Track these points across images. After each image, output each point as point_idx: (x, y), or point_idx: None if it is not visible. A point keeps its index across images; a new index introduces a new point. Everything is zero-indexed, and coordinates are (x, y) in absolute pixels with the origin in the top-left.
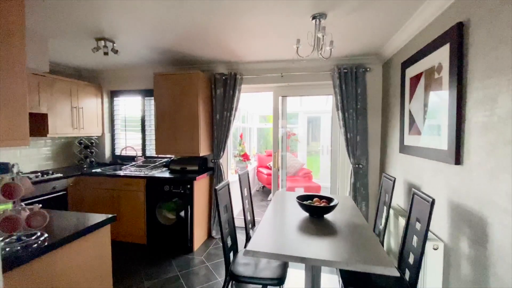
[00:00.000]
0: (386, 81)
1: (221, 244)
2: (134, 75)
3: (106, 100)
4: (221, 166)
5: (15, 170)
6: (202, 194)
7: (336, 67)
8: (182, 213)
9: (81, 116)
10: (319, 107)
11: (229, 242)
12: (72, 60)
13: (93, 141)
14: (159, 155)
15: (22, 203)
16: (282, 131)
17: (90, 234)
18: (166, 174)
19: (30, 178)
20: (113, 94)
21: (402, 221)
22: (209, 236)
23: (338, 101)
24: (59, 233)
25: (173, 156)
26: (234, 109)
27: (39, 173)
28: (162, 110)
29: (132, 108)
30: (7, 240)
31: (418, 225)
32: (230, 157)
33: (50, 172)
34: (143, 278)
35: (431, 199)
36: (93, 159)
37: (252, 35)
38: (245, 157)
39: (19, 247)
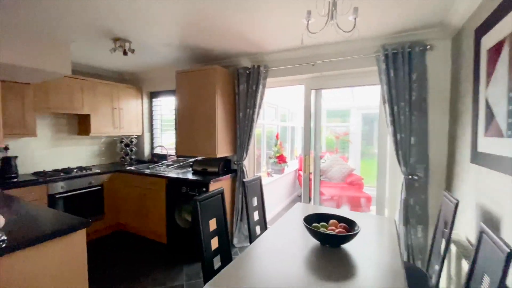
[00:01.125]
0: (455, 61)
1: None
2: (168, 76)
3: (146, 101)
4: (244, 169)
5: None
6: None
7: (382, 47)
8: None
9: (121, 116)
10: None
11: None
12: (113, 64)
13: (133, 140)
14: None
15: None
16: (313, 129)
17: (59, 238)
18: (188, 175)
19: (67, 173)
20: (152, 95)
21: (466, 266)
22: (231, 243)
23: (385, 92)
24: (21, 236)
25: (197, 156)
26: (257, 106)
27: (76, 169)
28: (182, 109)
29: (168, 108)
30: None
31: (486, 280)
32: (263, 159)
33: (90, 168)
34: (150, 282)
35: (509, 249)
36: (133, 157)
37: (276, 17)
38: (281, 159)
39: None
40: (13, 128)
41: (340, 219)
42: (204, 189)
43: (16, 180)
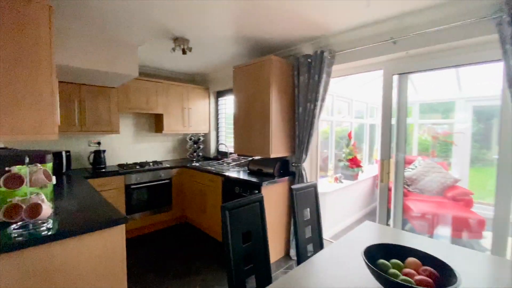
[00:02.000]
0: None
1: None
2: (230, 74)
3: (212, 100)
4: (303, 172)
5: (27, 161)
6: (278, 203)
7: (506, 4)
8: None
9: (190, 115)
10: (497, 89)
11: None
12: (182, 66)
13: (200, 137)
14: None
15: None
16: (395, 127)
17: (98, 231)
18: (243, 175)
19: (141, 167)
20: (218, 94)
21: None
22: (286, 255)
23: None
24: (65, 226)
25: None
26: (319, 99)
27: (151, 163)
28: (238, 106)
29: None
30: (15, 225)
31: None
32: (331, 161)
33: (161, 162)
34: (199, 283)
35: None
36: (200, 154)
37: None
38: (354, 162)
39: (16, 234)
40: (102, 126)
41: (427, 258)
42: (256, 191)
43: (104, 170)
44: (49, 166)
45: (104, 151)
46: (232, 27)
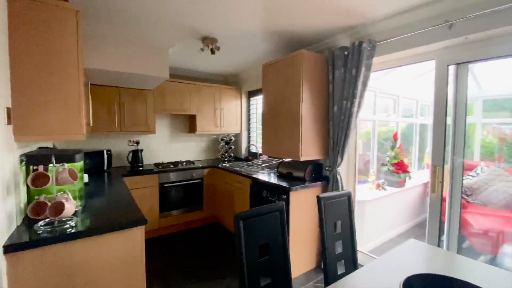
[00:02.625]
0: None
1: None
2: (261, 73)
3: (244, 100)
4: (338, 177)
5: (53, 161)
6: (309, 209)
7: None
8: None
9: (222, 116)
10: None
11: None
12: (214, 67)
13: (232, 138)
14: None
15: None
16: (450, 127)
17: (117, 232)
18: (271, 178)
19: (175, 166)
20: (250, 94)
21: None
22: (317, 267)
23: None
24: (87, 225)
25: (281, 158)
26: (357, 95)
27: (185, 162)
28: (267, 105)
29: None
30: (42, 222)
31: None
32: (372, 166)
33: (193, 162)
34: None
35: None
36: (231, 154)
37: None
38: (400, 167)
39: (41, 230)
40: (139, 126)
41: None
42: (284, 197)
43: (141, 169)
44: (77, 165)
45: (141, 150)
46: (260, 22)
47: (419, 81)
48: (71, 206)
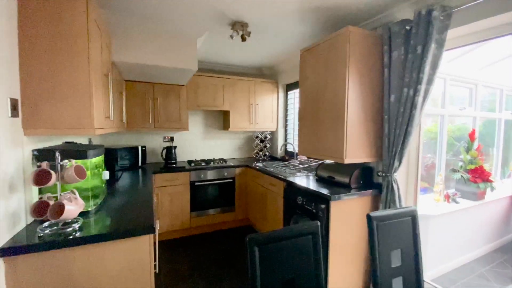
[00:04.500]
0: None
1: None
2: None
3: (281, 95)
4: (394, 185)
5: (58, 158)
6: (353, 221)
7: None
8: None
9: (257, 111)
10: None
11: None
12: (248, 59)
13: (267, 135)
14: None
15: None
16: None
17: (122, 240)
18: (309, 182)
19: (207, 164)
20: (288, 88)
21: None
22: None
23: None
24: (90, 230)
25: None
26: (423, 81)
27: (218, 160)
28: (304, 97)
29: None
30: (46, 224)
31: None
32: (439, 172)
33: (225, 160)
34: None
35: None
36: (266, 153)
37: None
38: (479, 174)
39: (41, 233)
40: (172, 123)
41: None
42: (323, 206)
43: (174, 165)
44: (93, 161)
45: (175, 147)
46: None
47: (504, 65)
48: (75, 208)
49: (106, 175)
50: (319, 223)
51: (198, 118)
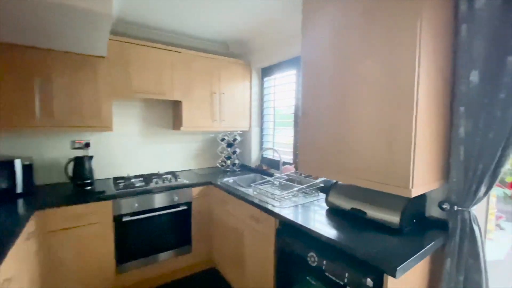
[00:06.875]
0: None
1: None
2: (286, 35)
3: (255, 82)
4: (474, 226)
5: None
6: None
7: None
8: None
9: (222, 103)
10: None
11: None
12: (214, 28)
13: (237, 137)
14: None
15: None
16: None
17: None
18: (320, 218)
19: (147, 182)
20: (264, 73)
21: None
22: None
23: None
24: None
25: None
26: None
27: (165, 176)
28: (315, 78)
29: (286, 91)
30: None
31: None
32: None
33: (178, 175)
34: None
35: None
36: (236, 161)
37: None
38: None
39: None
40: (85, 118)
41: None
42: (370, 284)
43: (90, 187)
44: None
45: (90, 157)
46: None
47: None
48: None
49: None
50: None
51: (131, 111)
